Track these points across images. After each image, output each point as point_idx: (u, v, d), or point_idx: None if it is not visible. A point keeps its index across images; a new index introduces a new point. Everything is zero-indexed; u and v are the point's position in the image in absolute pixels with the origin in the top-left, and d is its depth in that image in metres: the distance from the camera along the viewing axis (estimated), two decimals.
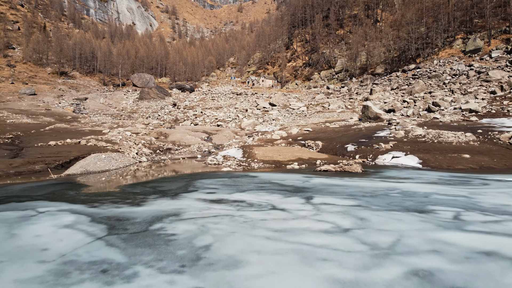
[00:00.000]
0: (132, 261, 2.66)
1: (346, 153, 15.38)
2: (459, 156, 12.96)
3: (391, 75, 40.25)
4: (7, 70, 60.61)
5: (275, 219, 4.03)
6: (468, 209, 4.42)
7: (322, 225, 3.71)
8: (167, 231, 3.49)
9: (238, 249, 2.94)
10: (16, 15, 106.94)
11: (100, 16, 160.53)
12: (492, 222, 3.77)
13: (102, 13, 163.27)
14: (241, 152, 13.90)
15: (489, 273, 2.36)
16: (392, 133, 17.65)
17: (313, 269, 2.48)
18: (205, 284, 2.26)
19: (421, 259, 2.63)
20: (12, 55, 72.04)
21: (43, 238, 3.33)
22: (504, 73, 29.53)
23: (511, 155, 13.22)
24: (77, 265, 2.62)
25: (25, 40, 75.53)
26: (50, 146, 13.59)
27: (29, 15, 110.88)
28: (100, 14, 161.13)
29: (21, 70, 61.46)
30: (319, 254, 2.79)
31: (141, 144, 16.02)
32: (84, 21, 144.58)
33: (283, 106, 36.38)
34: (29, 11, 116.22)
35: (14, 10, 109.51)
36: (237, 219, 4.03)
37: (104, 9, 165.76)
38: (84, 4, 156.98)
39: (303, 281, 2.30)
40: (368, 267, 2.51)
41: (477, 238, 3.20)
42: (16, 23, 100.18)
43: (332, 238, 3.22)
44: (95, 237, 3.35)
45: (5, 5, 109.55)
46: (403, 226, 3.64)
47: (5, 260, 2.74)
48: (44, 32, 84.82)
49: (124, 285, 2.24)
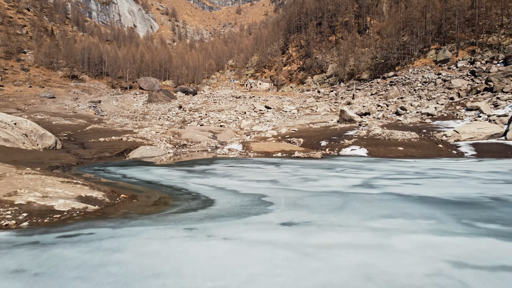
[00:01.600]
0: (202, 176, 7.71)
1: (320, 147, 20.49)
2: (395, 148, 18.11)
3: (373, 81, 45.35)
4: (23, 74, 65.22)
5: (258, 170, 9.11)
6: (360, 169, 9.53)
7: (279, 171, 8.78)
8: (212, 172, 8.55)
9: (241, 174, 8.01)
10: (23, 19, 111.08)
11: (102, 18, 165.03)
12: (366, 173, 8.86)
13: (104, 15, 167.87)
14: (241, 146, 18.96)
15: (331, 200, 7.45)
16: (358, 132, 22.80)
17: (264, 175, 7.55)
18: (229, 178, 7.32)
19: (313, 183, 7.71)
20: (24, 59, 76.53)
21: (166, 175, 8.36)
22: (464, 82, 34.69)
23: (435, 148, 18.42)
24: (185, 178, 7.65)
25: (36, 45, 79.98)
26: (100, 141, 18.53)
27: (35, 19, 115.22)
28: (102, 17, 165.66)
29: (36, 74, 66.08)
30: (270, 173, 7.86)
31: (165, 140, 21.01)
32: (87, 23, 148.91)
33: (277, 109, 41.42)
34: (35, 15, 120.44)
35: (21, 14, 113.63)
36: (241, 169, 9.11)
37: (106, 11, 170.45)
38: (86, 7, 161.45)
39: (259, 177, 7.38)
40: (290, 178, 7.58)
41: (346, 177, 8.28)
42: (24, 27, 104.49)
43: (282, 174, 8.28)
44: (184, 173, 8.39)
45: (13, 9, 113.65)
46: (317, 171, 8.72)
47: (160, 178, 7.77)
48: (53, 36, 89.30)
49: (197, 179, 7.30)
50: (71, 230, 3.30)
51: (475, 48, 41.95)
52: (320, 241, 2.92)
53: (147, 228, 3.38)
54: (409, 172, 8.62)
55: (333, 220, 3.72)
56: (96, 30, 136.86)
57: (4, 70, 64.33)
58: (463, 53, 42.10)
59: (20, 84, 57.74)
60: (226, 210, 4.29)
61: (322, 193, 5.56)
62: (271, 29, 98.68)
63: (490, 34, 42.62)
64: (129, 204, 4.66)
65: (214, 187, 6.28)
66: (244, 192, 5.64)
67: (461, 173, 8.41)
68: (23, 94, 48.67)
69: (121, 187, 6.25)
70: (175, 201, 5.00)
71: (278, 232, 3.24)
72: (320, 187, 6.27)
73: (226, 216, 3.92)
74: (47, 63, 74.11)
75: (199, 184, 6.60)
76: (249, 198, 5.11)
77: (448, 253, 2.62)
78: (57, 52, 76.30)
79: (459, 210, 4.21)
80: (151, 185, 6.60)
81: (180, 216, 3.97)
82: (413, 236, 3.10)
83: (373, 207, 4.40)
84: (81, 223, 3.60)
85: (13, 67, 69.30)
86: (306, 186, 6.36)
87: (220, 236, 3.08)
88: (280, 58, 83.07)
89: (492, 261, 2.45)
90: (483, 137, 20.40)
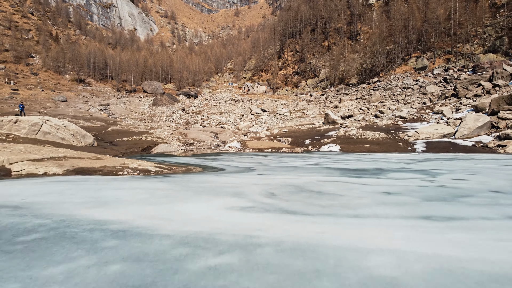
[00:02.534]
0: (214, 161, 12.00)
1: (304, 145, 24.77)
2: (363, 145, 22.43)
3: (359, 86, 49.79)
4: (33, 78, 69.20)
5: (251, 159, 13.43)
6: (322, 157, 13.88)
7: (265, 159, 13.09)
8: (219, 159, 12.86)
9: (240, 160, 12.32)
10: (28, 23, 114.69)
11: (103, 21, 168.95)
12: (323, 159, 13.21)
13: (105, 18, 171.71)
14: (239, 144, 23.27)
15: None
16: (337, 133, 27.12)
17: (255, 160, 11.86)
18: (232, 162, 11.62)
19: (284, 164, 12.02)
20: (32, 63, 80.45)
21: (189, 160, 12.64)
22: (437, 88, 39.17)
23: (395, 145, 22.76)
24: (203, 161, 11.93)
25: (43, 50, 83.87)
26: (125, 140, 22.74)
27: (40, 23, 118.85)
28: (103, 20, 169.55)
29: (45, 78, 70.08)
30: (259, 160, 12.17)
31: (176, 139, 25.26)
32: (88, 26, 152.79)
33: (272, 112, 45.73)
34: (39, 19, 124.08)
35: (26, 19, 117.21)
36: (239, 158, 13.44)
37: (107, 14, 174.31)
38: (88, 10, 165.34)
39: (251, 161, 11.69)
40: (270, 162, 11.88)
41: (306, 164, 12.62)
42: (29, 31, 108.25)
43: (266, 160, 12.59)
44: (201, 160, 12.67)
45: (18, 14, 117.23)
46: (291, 159, 13.04)
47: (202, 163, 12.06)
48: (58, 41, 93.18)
49: (211, 162, 11.61)
50: (166, 176, 7.55)
51: (451, 56, 46.53)
52: (274, 177, 7.19)
53: (200, 175, 7.63)
54: (352, 160, 12.93)
55: (284, 173, 8.00)
56: (98, 33, 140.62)
57: (16, 75, 68.25)
58: (440, 61, 46.65)
59: (32, 88, 61.69)
60: (231, 171, 8.56)
61: (285, 167, 9.85)
62: (268, 34, 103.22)
63: (465, 44, 47.23)
64: (181, 169, 8.91)
65: (223, 165, 10.56)
66: (240, 166, 9.92)
67: (390, 159, 12.70)
68: (37, 97, 52.64)
69: (169, 165, 10.50)
70: (204, 169, 9.27)
71: (256, 176, 7.51)
72: (287, 165, 10.57)
73: (232, 173, 8.20)
74: (55, 67, 78.12)
75: (214, 164, 10.87)
76: (243, 168, 9.39)
77: (316, 179, 6.90)
78: (63, 57, 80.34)
79: (349, 172, 8.49)
80: (185, 164, 10.85)
81: (211, 173, 8.24)
82: (310, 177, 7.38)
83: (307, 170, 8.68)
84: (167, 175, 7.85)
85: (23, 71, 73.21)
86: (278, 164, 10.66)
87: (230, 176, 7.36)
88: (276, 62, 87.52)
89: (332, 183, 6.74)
90: (437, 137, 24.84)
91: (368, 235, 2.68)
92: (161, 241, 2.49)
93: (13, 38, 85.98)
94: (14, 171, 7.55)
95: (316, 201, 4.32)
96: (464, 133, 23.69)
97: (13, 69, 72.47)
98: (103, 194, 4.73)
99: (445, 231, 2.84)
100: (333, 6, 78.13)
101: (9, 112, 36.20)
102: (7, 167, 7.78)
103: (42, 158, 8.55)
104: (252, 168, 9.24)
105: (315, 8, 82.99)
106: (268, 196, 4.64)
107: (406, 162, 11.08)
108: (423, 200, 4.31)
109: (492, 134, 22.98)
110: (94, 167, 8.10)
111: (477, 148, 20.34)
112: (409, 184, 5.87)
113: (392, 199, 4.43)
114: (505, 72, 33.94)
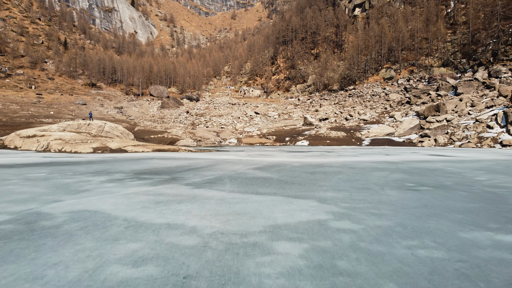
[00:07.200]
0: (220, 149, 20.44)
1: (284, 141, 33.25)
2: (325, 141, 30.97)
3: (338, 93, 58.27)
4: (50, 82, 76.80)
5: (243, 148, 21.88)
6: (292, 150, 22.43)
7: (253, 148, 21.57)
8: (223, 149, 21.28)
9: (236, 149, 20.76)
10: (37, 29, 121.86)
11: (105, 25, 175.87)
12: (289, 149, 21.75)
13: (107, 22, 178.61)
14: (236, 141, 31.72)
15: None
16: (310, 132, 35.56)
17: (246, 149, 20.35)
18: (231, 149, 20.09)
19: (264, 152, 20.51)
20: (46, 68, 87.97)
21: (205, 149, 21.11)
22: (398, 96, 47.83)
23: (349, 141, 31.35)
24: (214, 148, 20.37)
25: (56, 55, 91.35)
26: (152, 137, 31.00)
27: (48, 28, 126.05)
28: (105, 24, 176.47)
29: (61, 83, 77.70)
30: (248, 148, 20.64)
31: (188, 137, 33.59)
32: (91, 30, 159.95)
33: (264, 114, 54.10)
34: (46, 24, 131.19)
35: (35, 25, 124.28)
36: (236, 148, 21.91)
37: (109, 18, 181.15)
38: (90, 14, 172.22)
39: (243, 149, 20.19)
40: (255, 150, 20.38)
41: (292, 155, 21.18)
42: (39, 37, 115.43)
43: (253, 149, 21.06)
44: (212, 149, 21.12)
45: (27, 20, 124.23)
46: (270, 148, 21.53)
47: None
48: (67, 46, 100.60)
49: (219, 148, 20.10)
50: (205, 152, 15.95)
51: (414, 68, 55.29)
52: (256, 154, 15.57)
53: (217, 152, 15.99)
54: (313, 150, 21.35)
55: (261, 153, 16.39)
56: (101, 37, 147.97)
57: (34, 79, 75.79)
58: (405, 72, 55.37)
59: (52, 92, 69.29)
60: (231, 150, 16.96)
61: (264, 151, 18.26)
62: (263, 40, 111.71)
63: (427, 57, 56.02)
64: (208, 150, 17.26)
65: (227, 150, 18.95)
66: (236, 150, 18.34)
67: (340, 150, 21.13)
68: (59, 101, 60.32)
69: (199, 149, 18.83)
70: (216, 151, 17.67)
71: (244, 154, 15.89)
72: (266, 151, 18.96)
73: (231, 151, 16.60)
74: (68, 72, 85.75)
75: (221, 150, 19.24)
76: (238, 151, 17.80)
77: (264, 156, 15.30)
78: (75, 62, 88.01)
79: (298, 153, 16.88)
80: (206, 149, 19.19)
81: (221, 151, 16.63)
82: (279, 158, 15.77)
83: (275, 151, 17.07)
84: (202, 151, 16.21)
85: (40, 76, 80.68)
86: (261, 151, 19.06)
87: (229, 153, 15.75)
88: (269, 68, 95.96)
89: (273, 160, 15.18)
90: (382, 135, 33.51)
91: (296, 161, 11.06)
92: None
93: (27, 44, 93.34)
94: (128, 151, 15.87)
95: (269, 158, 12.72)
96: (400, 132, 32.43)
97: (31, 74, 79.96)
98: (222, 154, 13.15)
99: (306, 157, 11.24)
100: (321, 17, 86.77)
101: (47, 115, 44.22)
102: (123, 148, 16.12)
103: (135, 145, 16.89)
104: (242, 150, 17.64)
105: (305, 19, 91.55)
106: (249, 156, 13.04)
107: (347, 150, 19.55)
108: (322, 155, 12.71)
109: (419, 133, 31.88)
110: (164, 149, 16.45)
111: (405, 143, 29.21)
112: (322, 152, 14.30)
113: (310, 154, 12.83)
114: (448, 84, 42.85)
